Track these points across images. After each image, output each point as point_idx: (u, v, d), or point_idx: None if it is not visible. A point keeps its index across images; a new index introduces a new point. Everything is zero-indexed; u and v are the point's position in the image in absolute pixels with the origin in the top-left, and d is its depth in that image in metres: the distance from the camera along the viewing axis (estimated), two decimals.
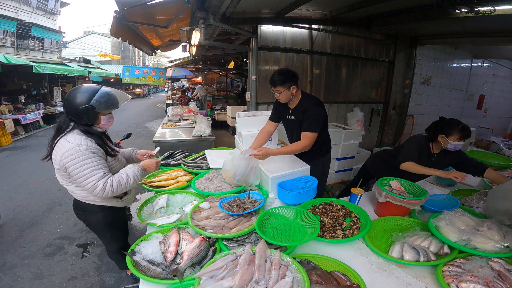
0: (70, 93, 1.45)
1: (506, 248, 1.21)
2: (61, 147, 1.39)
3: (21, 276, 2.41)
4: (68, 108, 1.44)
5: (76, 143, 1.39)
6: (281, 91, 2.00)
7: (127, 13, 3.50)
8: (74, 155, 1.37)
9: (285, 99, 2.07)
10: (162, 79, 8.81)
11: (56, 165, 1.45)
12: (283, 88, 1.99)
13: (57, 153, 1.41)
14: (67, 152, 1.37)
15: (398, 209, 1.61)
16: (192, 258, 1.18)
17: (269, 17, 4.07)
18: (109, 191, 1.45)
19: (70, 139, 1.40)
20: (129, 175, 1.55)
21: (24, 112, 8.69)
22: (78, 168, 1.39)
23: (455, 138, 1.94)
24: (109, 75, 14.53)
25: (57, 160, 1.41)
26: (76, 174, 1.40)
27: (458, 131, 1.93)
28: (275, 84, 2.00)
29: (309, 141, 1.98)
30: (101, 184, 1.42)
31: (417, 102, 5.86)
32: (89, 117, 1.46)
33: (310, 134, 1.98)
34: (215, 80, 18.36)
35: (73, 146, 1.38)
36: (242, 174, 1.79)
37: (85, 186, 1.42)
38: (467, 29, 4.22)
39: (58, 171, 1.49)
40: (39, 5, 14.27)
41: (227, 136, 7.86)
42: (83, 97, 1.42)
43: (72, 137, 1.42)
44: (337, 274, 1.12)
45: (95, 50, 23.12)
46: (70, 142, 1.39)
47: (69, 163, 1.38)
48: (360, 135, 4.39)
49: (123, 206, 1.81)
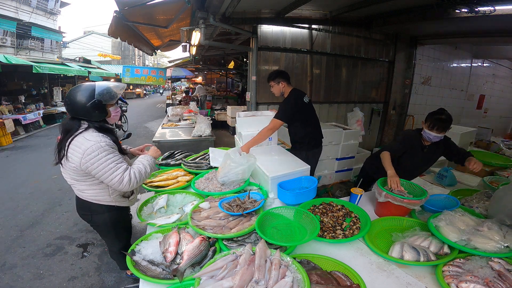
0: (70, 96, 1.44)
1: (506, 248, 1.21)
2: (80, 145, 1.39)
3: (21, 276, 2.41)
4: (75, 109, 1.44)
5: (96, 140, 1.40)
6: (272, 85, 2.56)
7: (127, 13, 3.50)
8: (97, 151, 1.38)
9: (277, 92, 2.58)
10: (162, 79, 8.82)
11: (72, 164, 1.42)
12: (273, 82, 2.54)
13: (75, 152, 1.39)
14: (89, 149, 1.37)
15: (398, 209, 1.61)
16: (192, 258, 1.18)
17: (269, 17, 4.07)
18: (134, 182, 1.48)
19: (88, 137, 1.40)
20: (145, 164, 1.60)
21: (24, 112, 8.68)
22: (102, 164, 1.39)
23: (427, 126, 1.95)
24: (109, 75, 14.52)
25: (77, 158, 1.39)
26: (101, 170, 1.40)
27: (431, 119, 1.94)
28: (268, 79, 2.58)
29: (271, 125, 2.32)
30: (127, 176, 1.45)
31: (417, 102, 5.86)
32: (100, 111, 1.48)
33: (273, 119, 2.35)
34: (215, 80, 18.35)
35: (93, 143, 1.38)
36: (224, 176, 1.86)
37: (112, 180, 1.43)
38: (467, 29, 4.22)
39: (71, 169, 1.46)
40: (39, 5, 14.27)
41: (227, 136, 7.86)
42: (86, 95, 1.43)
43: (90, 135, 1.42)
44: (337, 274, 1.12)
45: (95, 50, 23.12)
46: (90, 140, 1.39)
47: (92, 159, 1.38)
48: (360, 135, 4.39)
49: (128, 206, 1.83)
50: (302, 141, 2.63)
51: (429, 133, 1.95)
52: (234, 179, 1.86)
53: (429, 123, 1.94)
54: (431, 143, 2.08)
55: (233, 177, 1.84)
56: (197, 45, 5.06)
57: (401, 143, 2.14)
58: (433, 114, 1.96)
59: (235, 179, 1.86)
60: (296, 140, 2.69)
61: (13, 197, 3.96)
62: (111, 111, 1.57)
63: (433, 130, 1.92)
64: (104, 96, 1.47)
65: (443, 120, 1.90)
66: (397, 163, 2.13)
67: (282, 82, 2.52)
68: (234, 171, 1.83)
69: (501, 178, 2.35)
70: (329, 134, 3.73)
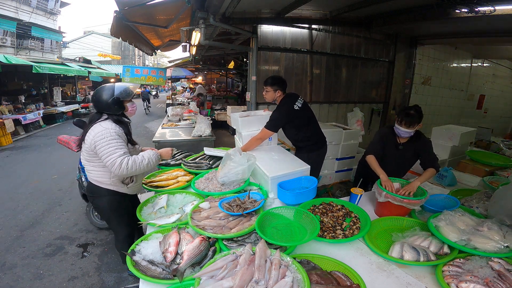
0: (96, 93, 1.78)
1: (506, 248, 1.21)
2: (95, 129, 1.68)
3: (21, 276, 2.41)
4: (99, 104, 1.77)
5: (107, 127, 1.68)
6: (268, 90, 2.47)
7: (127, 13, 3.50)
8: (104, 135, 1.64)
9: (270, 98, 2.50)
10: (162, 79, 8.80)
11: (86, 145, 1.70)
12: (270, 88, 2.45)
13: (90, 134, 1.68)
14: (99, 132, 1.65)
15: (398, 209, 1.61)
16: (192, 258, 1.18)
17: (269, 17, 4.07)
18: (124, 168, 1.64)
19: (103, 125, 1.69)
20: (145, 157, 1.76)
21: (24, 112, 8.69)
22: (104, 146, 1.63)
23: (397, 121, 1.98)
24: (109, 75, 14.53)
25: (89, 139, 1.67)
26: (102, 151, 1.63)
27: (400, 114, 1.97)
28: (265, 83, 2.49)
29: (260, 135, 2.36)
30: (118, 161, 1.63)
31: (417, 102, 5.84)
32: (119, 106, 1.79)
33: (263, 129, 2.36)
34: (215, 80, 18.34)
35: (104, 129, 1.67)
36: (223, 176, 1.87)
37: (106, 162, 1.63)
38: (467, 29, 4.22)
39: (85, 150, 1.74)
40: (39, 5, 14.26)
41: (227, 136, 7.86)
42: (108, 93, 1.75)
43: (105, 124, 1.71)
44: (337, 274, 1.12)
45: (95, 50, 23.09)
46: (103, 126, 1.68)
47: (99, 141, 1.63)
48: (360, 135, 4.38)
49: (130, 194, 1.95)
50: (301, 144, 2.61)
51: (398, 128, 1.98)
52: (234, 179, 1.86)
53: (398, 118, 1.98)
54: (406, 141, 2.10)
55: (233, 177, 1.84)
56: (197, 45, 5.06)
57: (378, 142, 2.16)
58: (403, 109, 1.99)
59: (235, 179, 1.86)
60: (296, 143, 2.68)
61: (13, 197, 3.96)
62: (128, 106, 1.87)
63: (402, 125, 1.95)
64: (122, 94, 1.78)
65: (410, 115, 1.93)
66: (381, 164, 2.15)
67: (279, 91, 2.46)
68: (234, 171, 1.83)
69: (501, 178, 2.36)
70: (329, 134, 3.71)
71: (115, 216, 1.92)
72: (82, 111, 11.84)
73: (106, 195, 1.83)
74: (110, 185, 1.81)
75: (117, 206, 1.88)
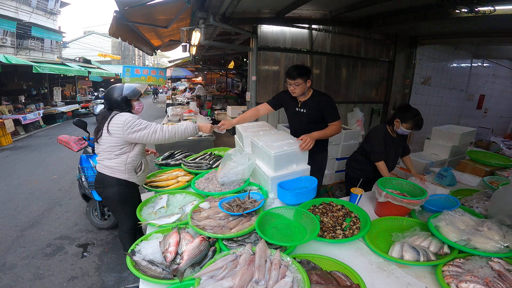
0: (107, 92, 1.93)
1: (506, 248, 1.21)
2: (119, 119, 1.80)
3: (21, 276, 2.41)
4: (110, 102, 1.91)
5: (129, 115, 1.84)
6: (300, 83, 2.12)
7: (127, 13, 3.50)
8: (134, 118, 1.81)
9: (301, 91, 2.19)
10: (162, 79, 8.80)
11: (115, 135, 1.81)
12: (301, 80, 2.11)
13: (117, 125, 1.80)
14: (127, 119, 1.79)
15: (398, 209, 1.61)
16: (192, 258, 1.18)
17: (269, 17, 4.07)
18: (166, 131, 1.85)
19: (123, 115, 1.83)
20: (183, 124, 1.95)
21: (24, 112, 8.69)
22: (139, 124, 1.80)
23: (407, 126, 2.09)
24: (109, 75, 14.53)
25: (119, 128, 1.79)
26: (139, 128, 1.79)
27: (412, 121, 2.08)
28: (294, 76, 2.11)
29: (339, 126, 2.25)
30: (159, 127, 1.84)
31: (417, 102, 5.85)
32: (126, 104, 1.93)
33: (337, 121, 2.23)
34: (215, 80, 18.34)
35: (128, 116, 1.82)
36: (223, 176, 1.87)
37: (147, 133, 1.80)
38: (467, 29, 4.22)
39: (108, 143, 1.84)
40: (39, 5, 14.26)
41: (227, 136, 7.86)
42: (118, 92, 1.91)
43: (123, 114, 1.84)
44: (337, 274, 1.12)
45: (95, 50, 23.10)
46: (125, 115, 1.82)
47: (132, 122, 1.78)
48: (360, 135, 4.38)
49: (137, 184, 2.04)
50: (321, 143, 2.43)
51: (405, 131, 2.11)
52: (234, 179, 1.86)
53: (411, 126, 2.09)
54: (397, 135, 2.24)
55: (233, 177, 1.84)
56: (197, 45, 5.06)
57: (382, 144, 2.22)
58: (410, 117, 2.09)
59: (235, 179, 1.86)
60: None
61: (13, 197, 3.96)
62: (135, 104, 2.00)
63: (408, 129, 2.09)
64: (130, 93, 1.93)
65: (419, 124, 2.08)
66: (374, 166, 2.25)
67: (309, 80, 2.18)
68: (234, 171, 1.83)
69: (501, 178, 2.35)
70: None
71: (122, 206, 2.00)
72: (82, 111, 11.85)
73: (116, 185, 1.92)
74: (123, 172, 1.91)
75: (125, 197, 1.98)
